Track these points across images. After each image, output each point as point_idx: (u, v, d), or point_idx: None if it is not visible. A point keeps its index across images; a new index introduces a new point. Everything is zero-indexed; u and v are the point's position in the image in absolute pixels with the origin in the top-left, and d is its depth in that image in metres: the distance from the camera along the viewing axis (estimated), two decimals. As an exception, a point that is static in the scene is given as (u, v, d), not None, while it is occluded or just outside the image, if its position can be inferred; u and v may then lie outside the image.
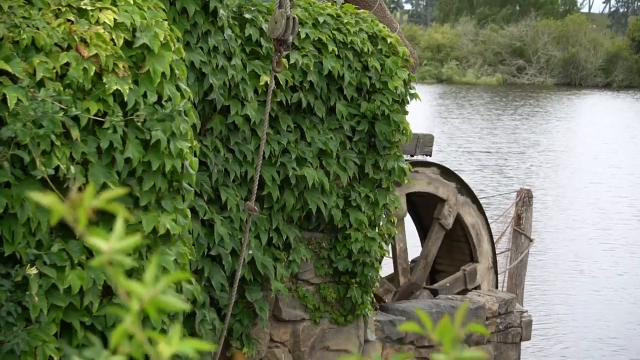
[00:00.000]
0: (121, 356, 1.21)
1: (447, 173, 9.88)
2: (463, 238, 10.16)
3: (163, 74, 4.99)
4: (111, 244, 1.18)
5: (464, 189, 9.97)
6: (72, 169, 4.63)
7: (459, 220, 9.92)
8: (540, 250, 16.78)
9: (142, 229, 4.92)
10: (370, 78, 7.30)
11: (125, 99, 4.83)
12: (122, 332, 1.19)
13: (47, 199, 1.19)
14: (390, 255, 9.50)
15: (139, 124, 4.85)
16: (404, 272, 9.72)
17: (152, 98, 4.91)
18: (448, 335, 1.27)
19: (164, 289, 1.18)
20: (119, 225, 1.20)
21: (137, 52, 4.99)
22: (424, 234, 10.44)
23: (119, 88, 4.80)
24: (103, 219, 4.64)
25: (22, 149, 4.48)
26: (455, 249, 10.31)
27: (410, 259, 10.01)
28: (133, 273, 4.75)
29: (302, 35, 6.92)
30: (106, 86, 4.77)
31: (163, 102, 5.00)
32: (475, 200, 10.09)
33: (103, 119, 4.77)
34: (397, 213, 9.04)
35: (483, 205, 10.39)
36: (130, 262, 1.19)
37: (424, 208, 10.22)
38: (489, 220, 10.40)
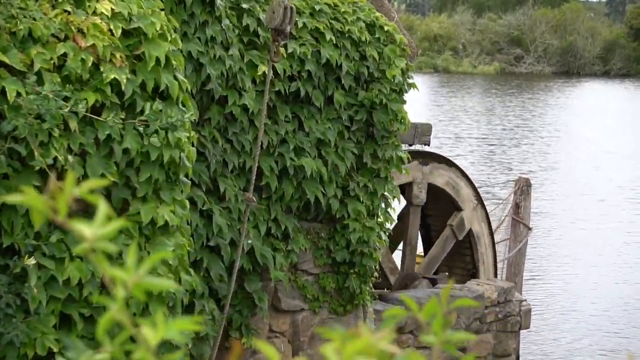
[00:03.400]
0: (105, 355, 1.18)
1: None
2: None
3: (158, 61, 4.96)
4: (94, 230, 1.16)
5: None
6: (70, 159, 4.61)
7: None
8: (539, 238, 16.78)
9: (140, 219, 4.91)
10: (368, 67, 7.28)
11: (123, 88, 4.81)
12: (109, 319, 1.17)
13: (23, 197, 1.16)
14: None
15: (141, 129, 4.82)
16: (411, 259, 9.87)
17: (155, 106, 4.87)
18: (437, 316, 1.27)
19: (147, 271, 1.16)
20: (101, 211, 1.18)
21: (135, 40, 4.97)
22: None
23: (117, 77, 4.78)
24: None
25: (20, 142, 4.46)
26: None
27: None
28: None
29: (300, 25, 6.90)
30: (103, 75, 4.75)
31: (162, 102, 4.98)
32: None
33: (103, 118, 4.75)
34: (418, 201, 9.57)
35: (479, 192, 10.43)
36: (114, 248, 1.18)
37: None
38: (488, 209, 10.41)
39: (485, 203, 10.56)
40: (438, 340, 1.26)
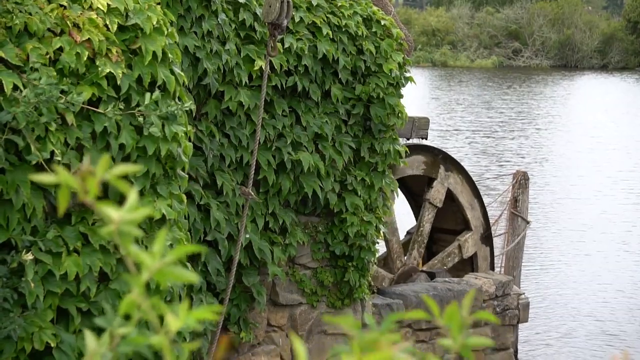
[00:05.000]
0: (131, 325, 1.22)
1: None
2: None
3: (155, 55, 4.95)
4: (121, 214, 1.19)
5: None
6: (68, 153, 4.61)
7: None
8: (535, 228, 16.79)
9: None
10: (365, 61, 7.28)
11: (119, 82, 4.81)
12: (129, 302, 1.20)
13: (51, 176, 1.19)
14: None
15: (140, 119, 4.82)
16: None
17: (155, 95, 4.87)
18: (456, 321, 1.28)
19: (173, 260, 1.18)
20: (132, 197, 1.21)
21: (131, 35, 4.97)
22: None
23: (112, 71, 4.78)
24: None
25: (17, 134, 4.47)
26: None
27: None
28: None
29: (297, 19, 6.90)
30: (99, 69, 4.75)
31: (161, 94, 4.98)
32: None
33: (101, 110, 4.75)
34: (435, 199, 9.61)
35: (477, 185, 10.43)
36: (139, 232, 1.20)
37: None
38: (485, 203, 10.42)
39: (483, 196, 10.56)
40: (456, 345, 1.28)
